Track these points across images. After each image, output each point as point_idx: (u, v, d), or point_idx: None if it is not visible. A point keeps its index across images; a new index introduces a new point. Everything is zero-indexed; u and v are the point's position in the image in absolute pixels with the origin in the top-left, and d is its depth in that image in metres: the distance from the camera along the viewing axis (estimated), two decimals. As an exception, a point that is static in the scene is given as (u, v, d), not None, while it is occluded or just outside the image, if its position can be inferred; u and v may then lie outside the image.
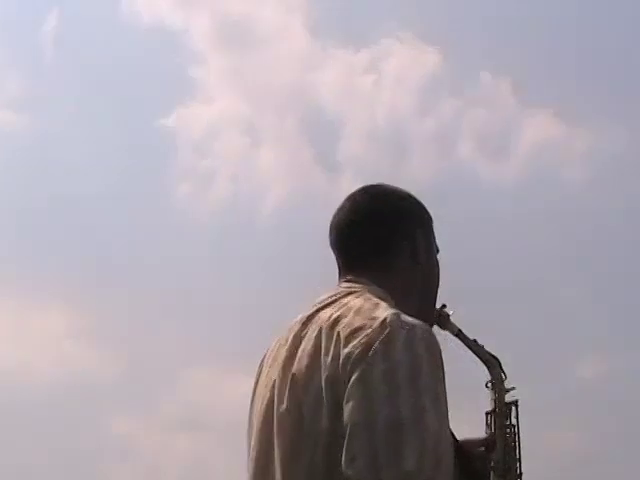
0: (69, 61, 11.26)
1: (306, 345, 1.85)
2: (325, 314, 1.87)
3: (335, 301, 1.90)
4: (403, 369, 1.69)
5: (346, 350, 1.73)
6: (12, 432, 9.42)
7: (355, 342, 1.73)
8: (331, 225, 2.06)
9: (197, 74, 11.57)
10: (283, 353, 1.91)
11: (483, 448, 2.13)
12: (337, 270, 2.03)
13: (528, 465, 2.22)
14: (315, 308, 1.93)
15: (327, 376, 1.75)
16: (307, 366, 1.81)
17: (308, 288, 1.97)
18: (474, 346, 2.19)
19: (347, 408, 1.69)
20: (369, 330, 1.73)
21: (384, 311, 1.79)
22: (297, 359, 1.85)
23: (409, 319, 1.79)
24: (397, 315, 1.77)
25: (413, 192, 2.10)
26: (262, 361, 2.04)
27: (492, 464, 2.15)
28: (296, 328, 1.93)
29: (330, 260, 2.05)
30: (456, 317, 2.14)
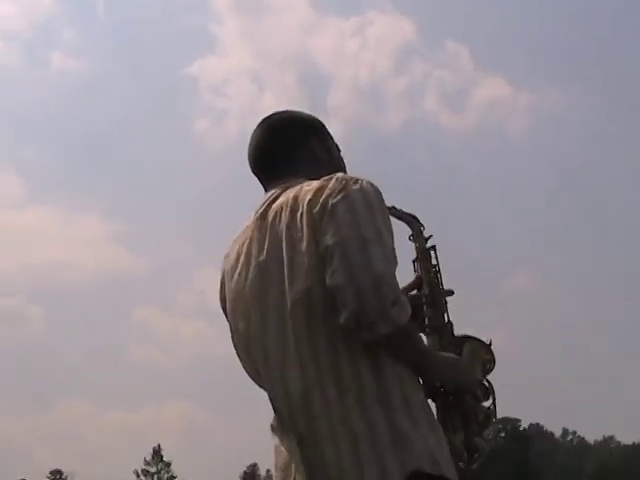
0: (116, 16, 11.25)
1: (276, 218, 2.22)
2: (280, 201, 2.24)
3: (281, 194, 2.27)
4: (361, 204, 2.12)
5: (316, 204, 2.14)
6: (53, 316, 10.47)
7: (323, 197, 2.14)
8: (248, 157, 2.44)
9: (216, 32, 11.70)
10: (249, 237, 2.28)
11: (415, 291, 2.46)
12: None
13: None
14: (265, 205, 2.29)
15: (308, 224, 2.14)
16: (288, 227, 2.18)
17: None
18: (394, 211, 2.44)
19: (323, 240, 2.10)
20: (330, 185, 2.16)
21: (332, 175, 2.21)
22: (273, 232, 2.21)
23: (354, 175, 2.22)
24: (345, 173, 2.23)
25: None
26: (225, 259, 2.38)
27: (423, 300, 2.43)
28: (254, 223, 2.29)
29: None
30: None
